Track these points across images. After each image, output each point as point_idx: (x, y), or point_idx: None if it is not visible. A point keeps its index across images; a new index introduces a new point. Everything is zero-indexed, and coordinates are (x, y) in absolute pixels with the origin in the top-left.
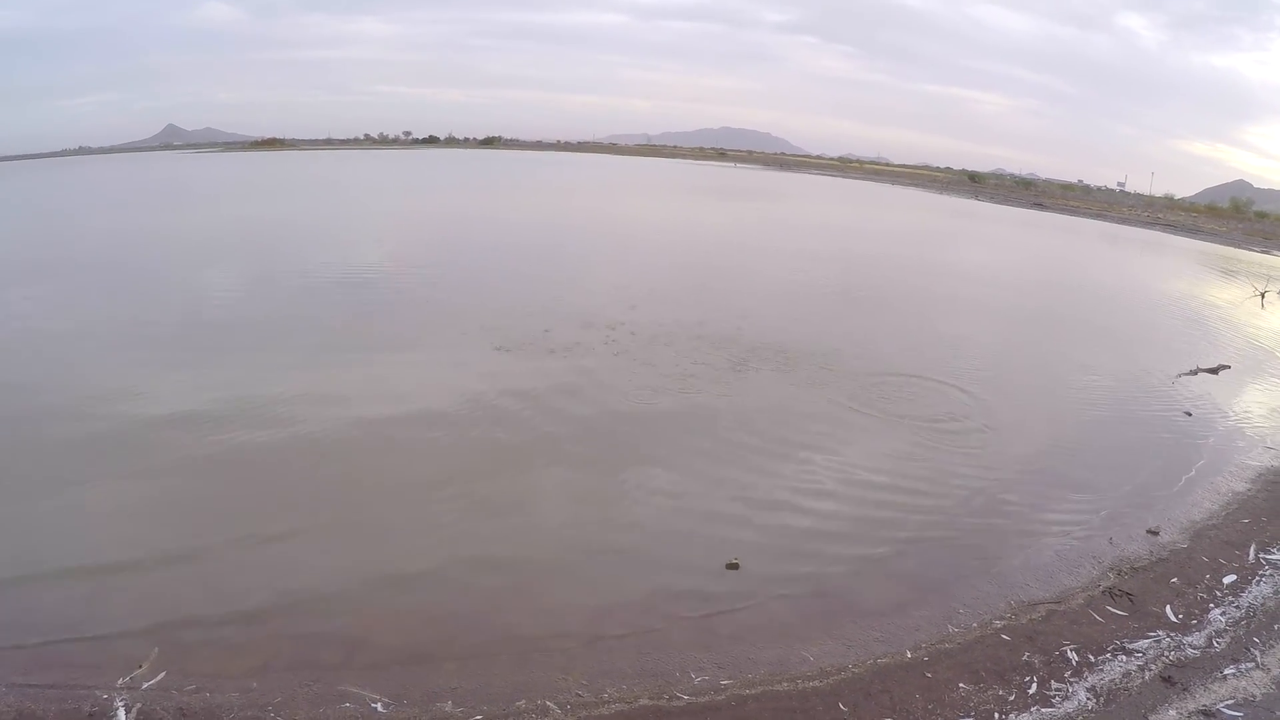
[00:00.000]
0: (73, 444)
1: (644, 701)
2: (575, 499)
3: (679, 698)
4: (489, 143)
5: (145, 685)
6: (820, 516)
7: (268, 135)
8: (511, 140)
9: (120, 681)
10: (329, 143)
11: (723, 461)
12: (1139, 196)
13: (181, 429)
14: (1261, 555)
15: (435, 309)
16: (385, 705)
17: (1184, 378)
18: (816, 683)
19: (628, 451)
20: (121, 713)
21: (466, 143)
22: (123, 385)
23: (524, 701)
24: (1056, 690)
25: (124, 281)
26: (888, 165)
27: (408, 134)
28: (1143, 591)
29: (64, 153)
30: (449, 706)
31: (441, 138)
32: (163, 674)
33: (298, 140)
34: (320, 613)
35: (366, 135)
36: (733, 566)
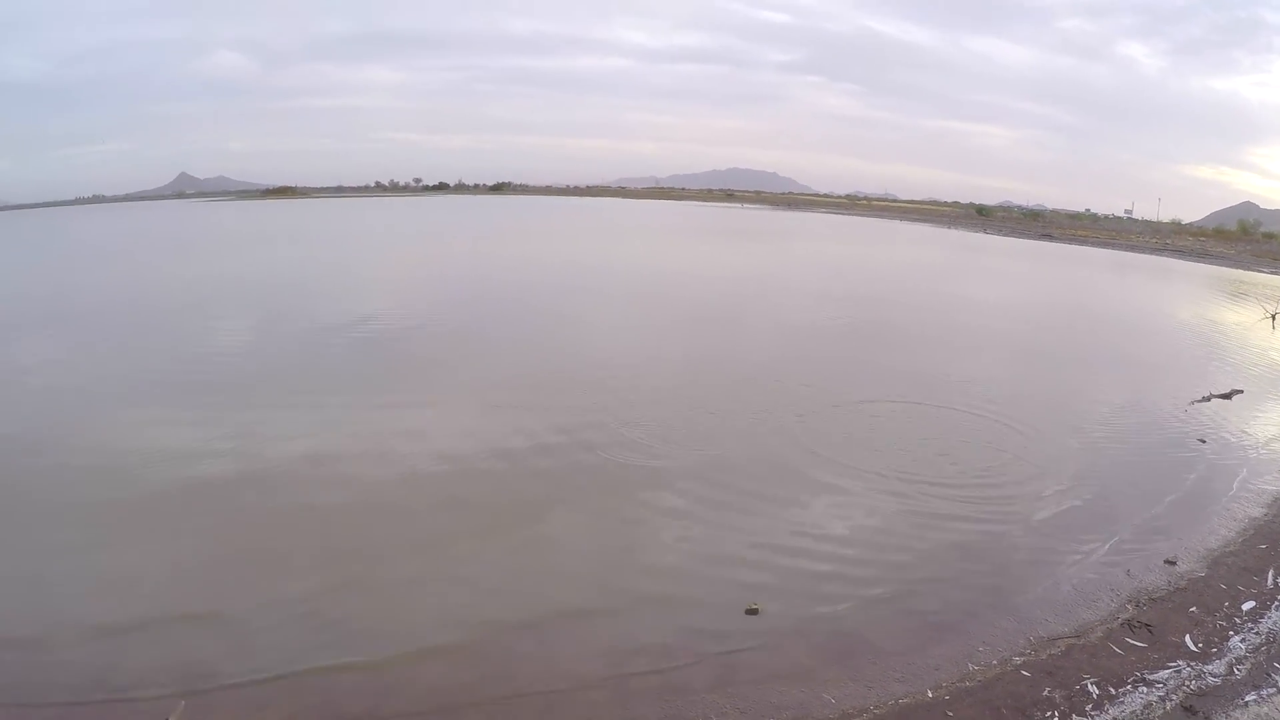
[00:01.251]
0: (89, 501)
1: None
2: (585, 546)
3: None
4: (499, 189)
5: None
6: (836, 558)
7: (279, 183)
8: (521, 186)
9: None
10: (340, 190)
11: (735, 507)
12: (1146, 223)
13: (198, 486)
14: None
15: (452, 360)
16: None
17: (1197, 404)
18: None
19: (643, 501)
20: None
21: (476, 189)
22: (135, 441)
23: None
24: None
25: (139, 331)
26: (895, 201)
27: (418, 180)
28: (1162, 622)
29: (78, 201)
30: None
31: (451, 184)
32: None
33: (309, 188)
34: (344, 667)
35: (377, 183)
36: (752, 612)
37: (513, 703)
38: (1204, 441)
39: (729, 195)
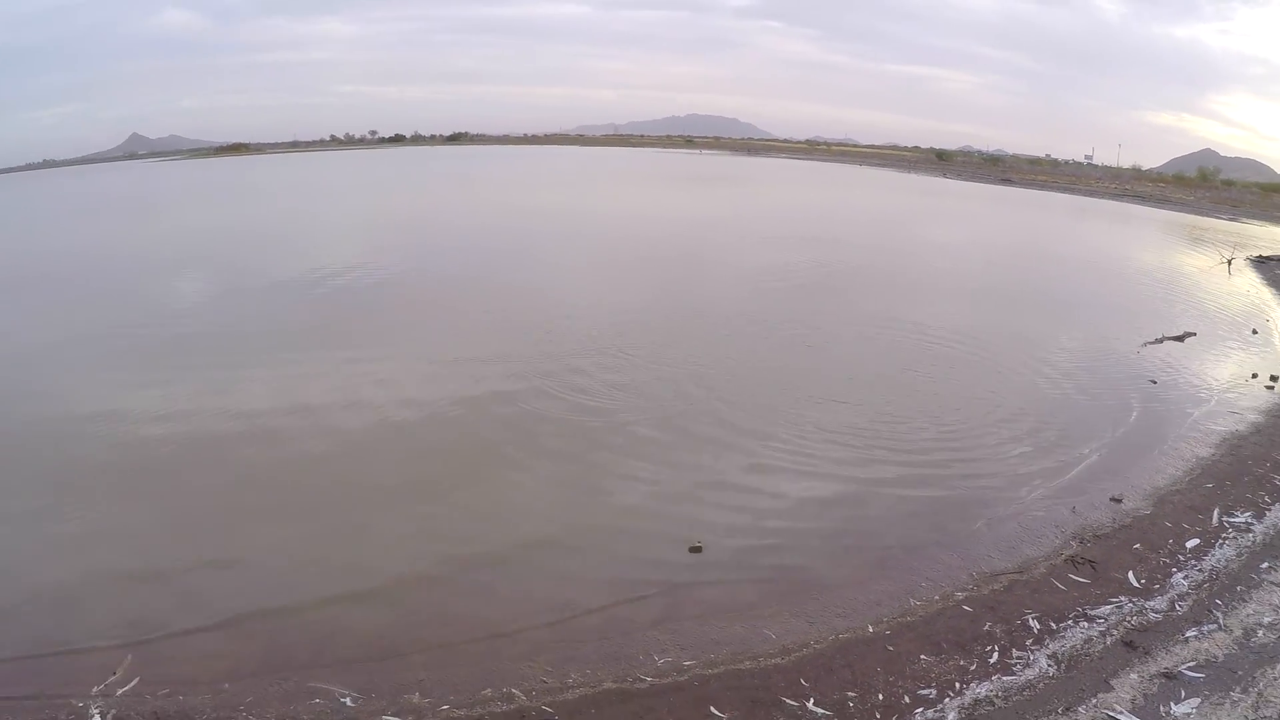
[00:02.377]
0: (37, 459)
1: (608, 685)
2: (536, 492)
3: (643, 680)
4: (455, 139)
5: (119, 692)
6: (780, 494)
7: (232, 140)
8: (478, 135)
9: (95, 690)
10: (295, 145)
11: (682, 447)
12: (1106, 169)
13: (146, 441)
14: (1225, 519)
15: (403, 312)
16: (354, 699)
17: (1150, 346)
18: (779, 660)
19: (587, 442)
20: (97, 718)
21: (433, 139)
22: (86, 399)
23: (490, 690)
24: (1018, 658)
25: (89, 293)
26: (856, 146)
27: (374, 133)
28: (1105, 558)
29: (28, 166)
30: (416, 698)
31: (408, 136)
32: (136, 680)
33: (263, 144)
34: (288, 614)
35: (332, 136)
36: (696, 549)
37: (456, 645)
38: (1155, 382)
39: (689, 141)
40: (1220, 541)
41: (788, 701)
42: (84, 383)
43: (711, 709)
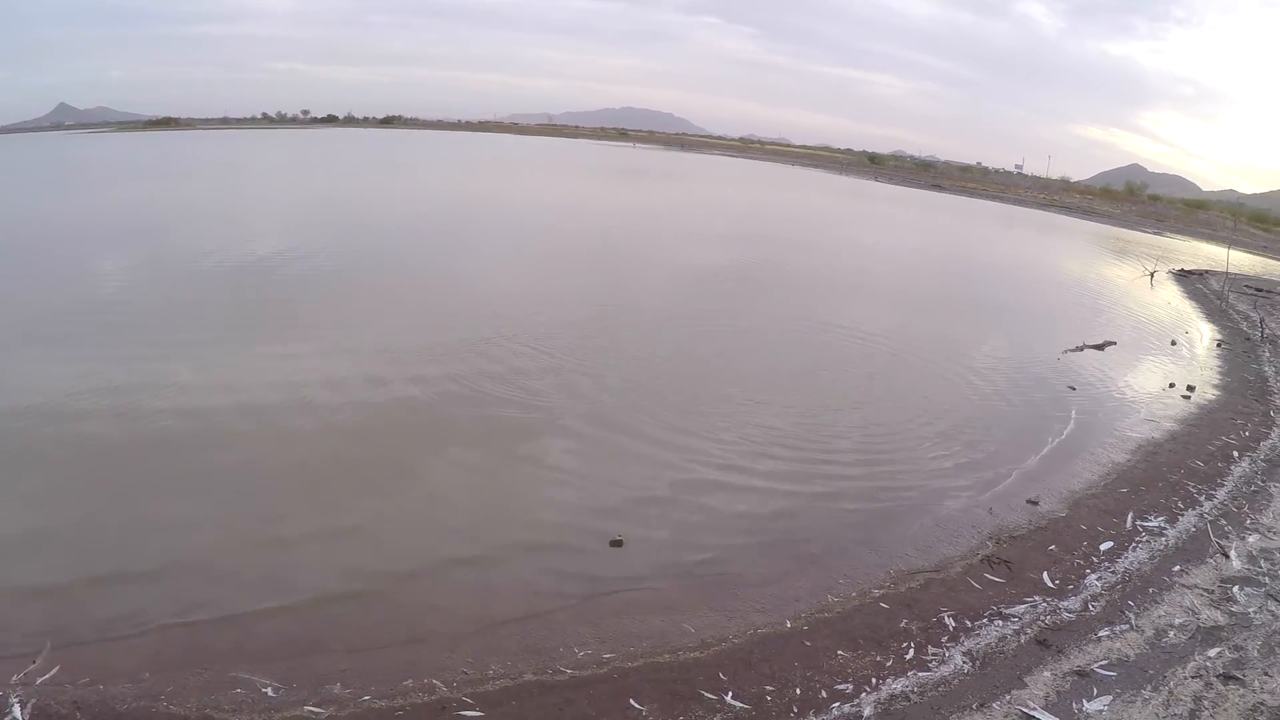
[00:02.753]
0: None
1: (529, 676)
2: (459, 484)
3: (562, 672)
4: (388, 122)
5: (39, 681)
6: (703, 491)
7: (163, 114)
8: (412, 119)
9: (14, 679)
10: (225, 122)
11: (604, 443)
12: (1036, 179)
13: (62, 420)
14: (1139, 523)
15: (328, 300)
16: (275, 689)
17: (1070, 354)
18: (698, 654)
19: (510, 437)
20: (17, 709)
21: (366, 122)
22: (15, 386)
23: (411, 680)
24: (933, 655)
25: (10, 271)
26: (789, 146)
27: (306, 113)
28: (1021, 559)
29: None
30: (338, 688)
31: (340, 117)
32: (56, 669)
33: (193, 119)
34: (210, 603)
35: (264, 114)
36: (616, 544)
37: (377, 638)
38: (1074, 389)
39: (623, 134)
40: (1134, 544)
41: (706, 695)
42: (11, 365)
43: (631, 701)
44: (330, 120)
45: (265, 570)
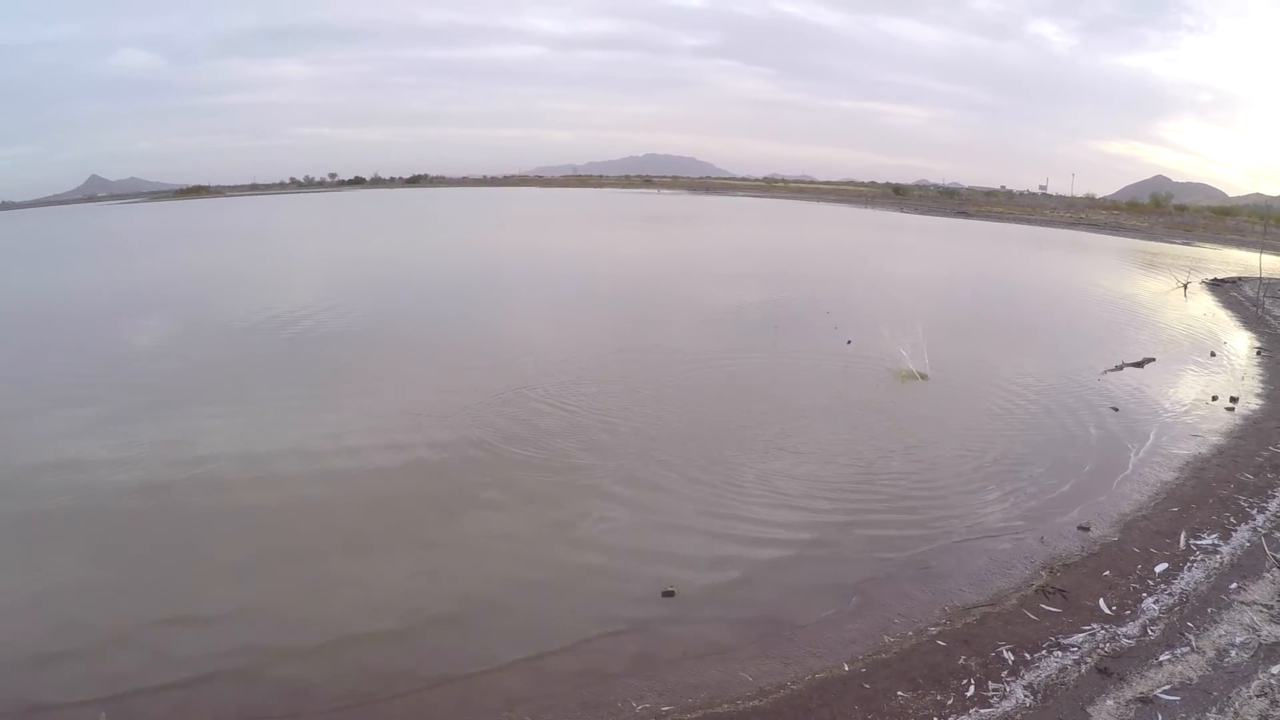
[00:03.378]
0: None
1: None
2: (508, 540)
3: None
4: (415, 181)
5: None
6: (749, 539)
7: (192, 183)
8: (438, 178)
9: None
10: (254, 188)
11: (648, 492)
12: (1061, 198)
13: (106, 492)
14: (1192, 542)
15: (370, 357)
16: None
17: (1110, 373)
18: (757, 702)
19: (552, 484)
20: None
21: (393, 182)
22: (46, 447)
23: None
24: (994, 691)
25: (55, 336)
26: (813, 183)
27: (333, 176)
28: (1076, 587)
29: None
30: None
31: (367, 178)
32: None
33: (223, 187)
34: (264, 667)
35: (292, 179)
36: (669, 594)
37: (432, 696)
38: (1117, 409)
39: (647, 181)
40: (1188, 564)
41: None
42: (44, 430)
43: None
44: (358, 182)
45: (312, 633)
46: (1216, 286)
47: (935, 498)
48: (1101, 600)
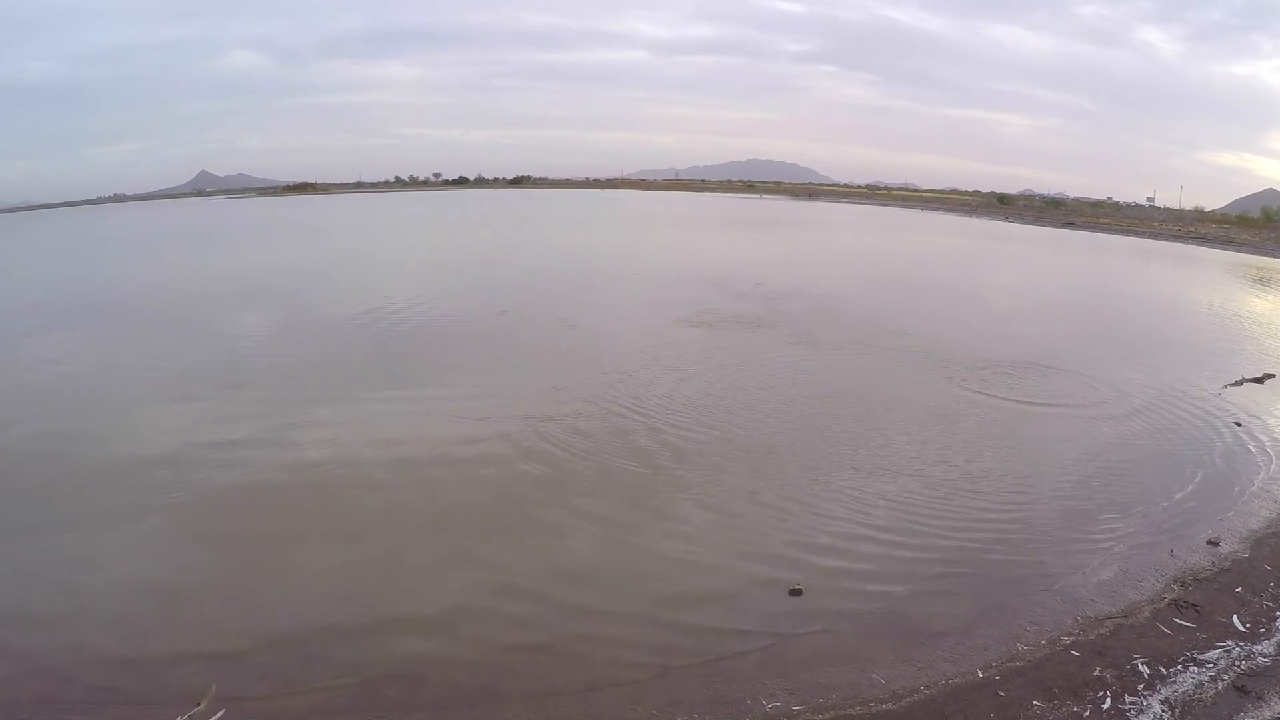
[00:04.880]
0: (113, 482)
1: None
2: (627, 529)
3: None
4: (518, 182)
5: None
6: (878, 539)
7: (298, 179)
8: (541, 179)
9: (178, 718)
10: (359, 186)
11: (778, 484)
12: (1169, 211)
13: (223, 466)
14: None
15: (463, 348)
16: None
17: (1230, 388)
18: (889, 705)
19: (676, 481)
20: None
21: (496, 183)
22: (155, 433)
23: None
24: (1131, 704)
25: (168, 324)
26: (916, 191)
27: (437, 175)
28: (1208, 602)
29: (99, 200)
30: None
31: (471, 178)
32: (221, 711)
33: (329, 184)
34: (380, 650)
35: (397, 178)
36: (796, 592)
37: (555, 692)
38: (1240, 424)
39: (749, 186)
40: None
41: None
42: (154, 416)
43: None
44: (462, 182)
45: (437, 621)
46: None
47: (1059, 509)
48: (1235, 617)
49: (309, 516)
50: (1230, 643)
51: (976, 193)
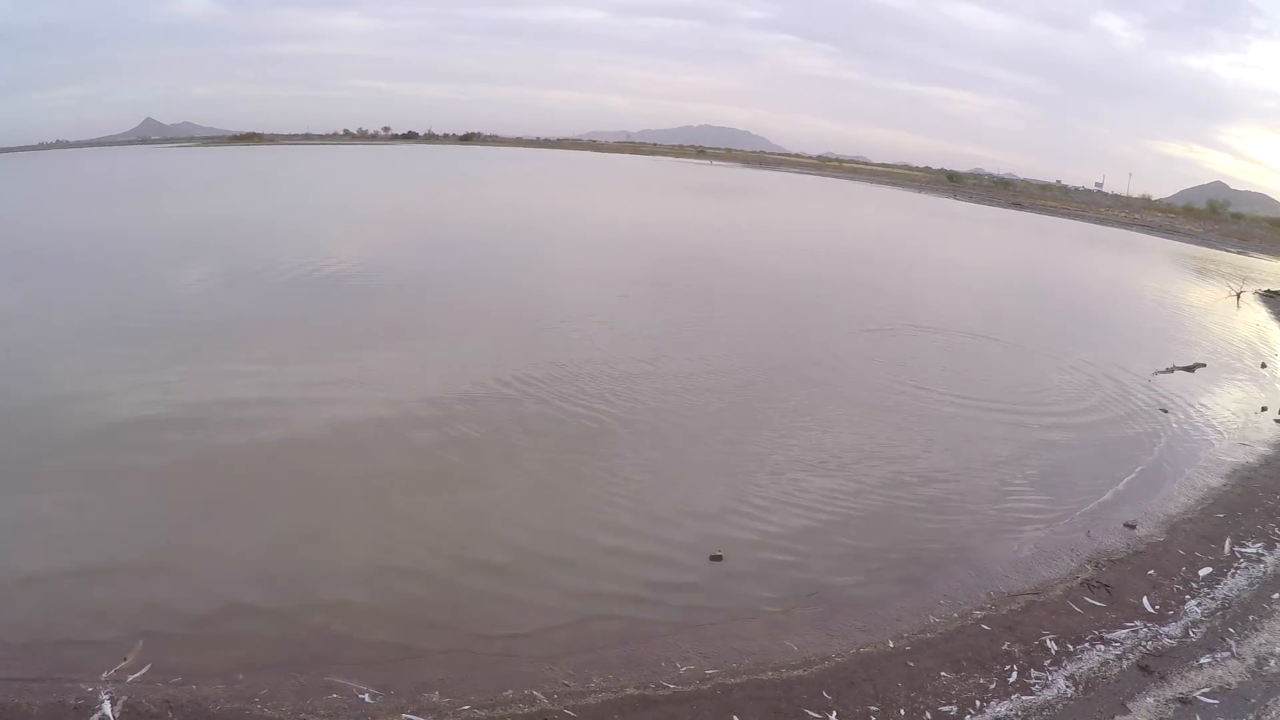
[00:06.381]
0: (46, 443)
1: (630, 691)
2: (553, 493)
3: (665, 687)
4: (468, 139)
5: (130, 679)
6: (801, 509)
7: (245, 129)
8: (491, 136)
9: (105, 675)
10: (308, 138)
11: (703, 453)
12: (1116, 197)
13: (158, 428)
14: (1236, 549)
15: (414, 308)
16: (373, 696)
17: (1160, 376)
18: (801, 671)
19: (607, 446)
20: (107, 706)
21: (446, 139)
22: (96, 385)
23: (511, 691)
24: (1036, 679)
25: (102, 277)
26: (867, 164)
27: (387, 129)
28: (1120, 583)
29: (41, 146)
30: (436, 697)
31: (421, 134)
32: (147, 667)
33: (277, 135)
34: (305, 607)
35: (346, 131)
36: (716, 558)
37: (476, 647)
38: (1166, 411)
39: (700, 152)
40: (1232, 571)
41: (810, 713)
42: (87, 369)
43: (735, 718)
44: (411, 137)
45: (360, 577)
46: (1270, 298)
47: (983, 487)
48: (1145, 598)
49: (236, 477)
50: (1139, 623)
51: (927, 169)
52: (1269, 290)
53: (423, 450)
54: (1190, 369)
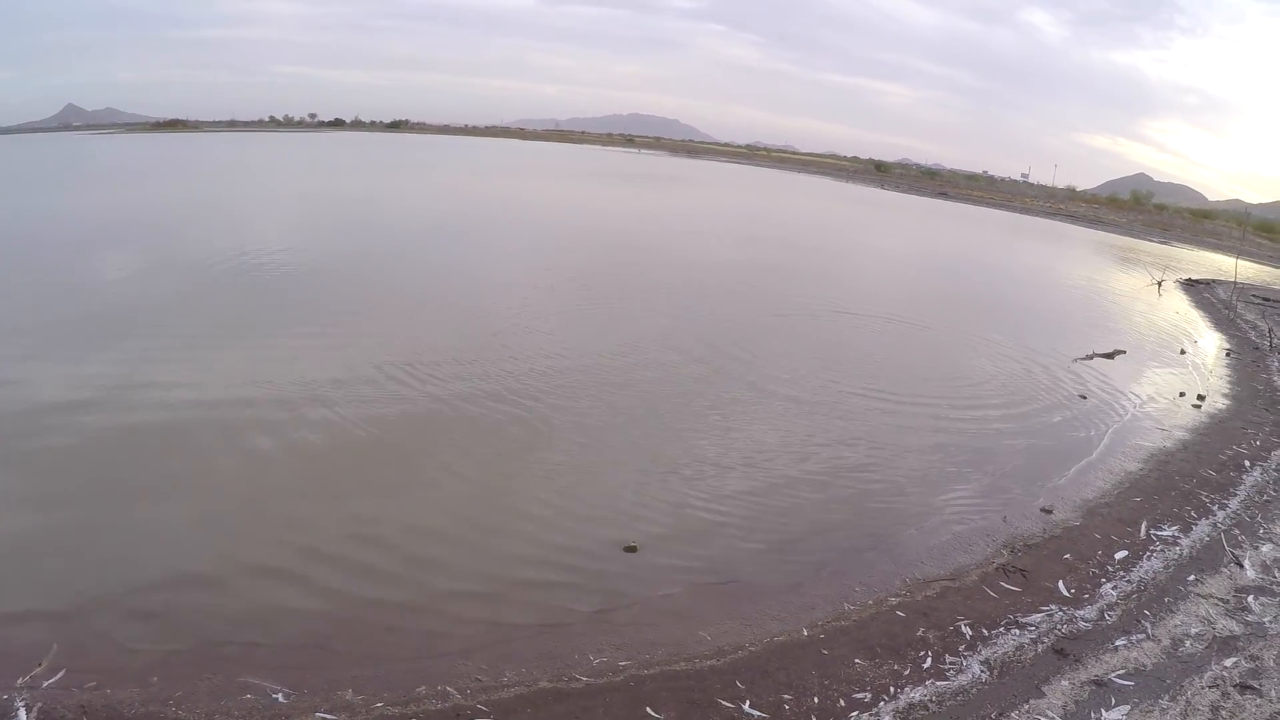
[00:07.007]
0: None
1: (543, 684)
2: (467, 485)
3: (578, 679)
4: (396, 126)
5: (45, 684)
6: (717, 498)
7: (170, 116)
8: (419, 124)
9: (19, 681)
10: (233, 124)
11: (618, 444)
12: (1042, 188)
13: (63, 417)
14: (1152, 532)
15: (322, 294)
16: (286, 695)
17: (1080, 362)
18: (714, 662)
19: (520, 436)
20: (22, 713)
21: (373, 126)
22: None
23: (424, 687)
24: (951, 664)
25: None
26: (795, 153)
27: (313, 116)
28: (1036, 568)
29: None
30: (350, 695)
31: (348, 121)
32: (62, 672)
33: (201, 122)
34: (218, 608)
35: (271, 117)
36: (631, 549)
37: (389, 643)
38: (1085, 398)
39: (629, 140)
40: (1148, 554)
41: (724, 703)
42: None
43: (648, 709)
44: (338, 124)
45: (273, 575)
46: (1190, 287)
47: (899, 472)
48: (1061, 582)
49: (156, 473)
50: (1054, 607)
51: (855, 159)
52: (1189, 279)
53: (329, 443)
54: (1110, 356)
